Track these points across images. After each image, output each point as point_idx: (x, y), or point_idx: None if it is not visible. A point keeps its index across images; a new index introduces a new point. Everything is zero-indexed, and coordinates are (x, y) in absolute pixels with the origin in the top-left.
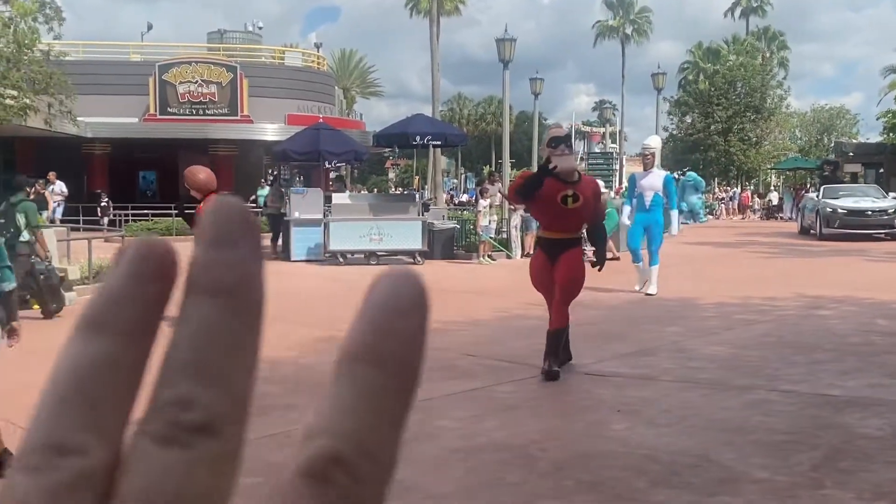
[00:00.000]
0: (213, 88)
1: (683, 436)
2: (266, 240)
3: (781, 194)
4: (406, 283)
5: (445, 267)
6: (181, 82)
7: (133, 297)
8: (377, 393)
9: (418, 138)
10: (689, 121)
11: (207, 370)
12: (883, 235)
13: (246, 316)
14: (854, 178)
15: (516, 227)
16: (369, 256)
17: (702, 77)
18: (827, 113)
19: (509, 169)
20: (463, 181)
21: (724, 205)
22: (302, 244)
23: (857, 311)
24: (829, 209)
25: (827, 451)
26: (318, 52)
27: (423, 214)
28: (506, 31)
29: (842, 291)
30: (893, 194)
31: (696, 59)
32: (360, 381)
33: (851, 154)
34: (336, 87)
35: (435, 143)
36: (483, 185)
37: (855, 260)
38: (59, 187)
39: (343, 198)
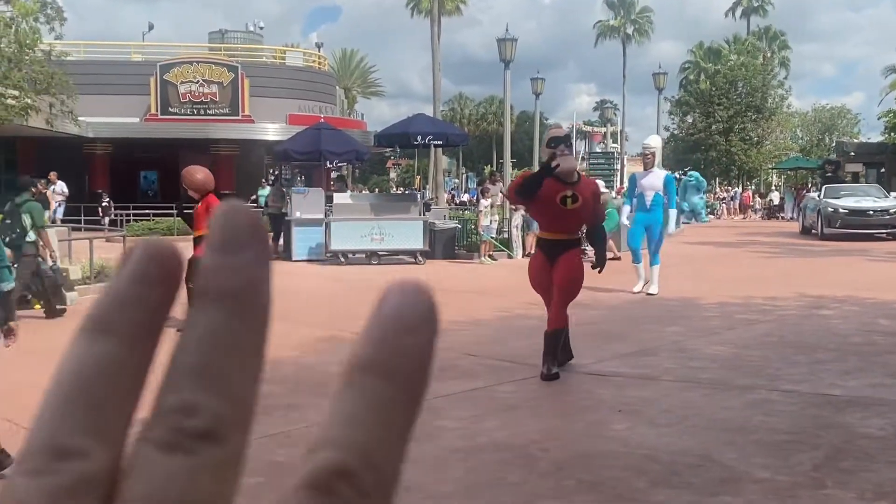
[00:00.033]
0: (215, 88)
1: (684, 436)
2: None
3: (783, 194)
4: (416, 298)
5: (447, 267)
6: (182, 82)
7: (138, 299)
8: (384, 406)
9: (419, 138)
10: (691, 120)
11: (212, 376)
12: (885, 235)
13: (251, 321)
14: (855, 178)
15: (517, 227)
16: (371, 256)
17: (703, 77)
18: (828, 113)
19: (510, 169)
20: (464, 181)
21: (725, 204)
22: (303, 244)
23: (859, 310)
24: (830, 209)
25: (828, 451)
26: (319, 51)
27: (424, 214)
28: (507, 30)
29: (843, 291)
30: (895, 194)
31: (698, 58)
32: (367, 393)
33: (853, 154)
34: (337, 87)
35: (436, 142)
36: (484, 185)
37: (856, 260)
38: (60, 187)
39: (344, 197)
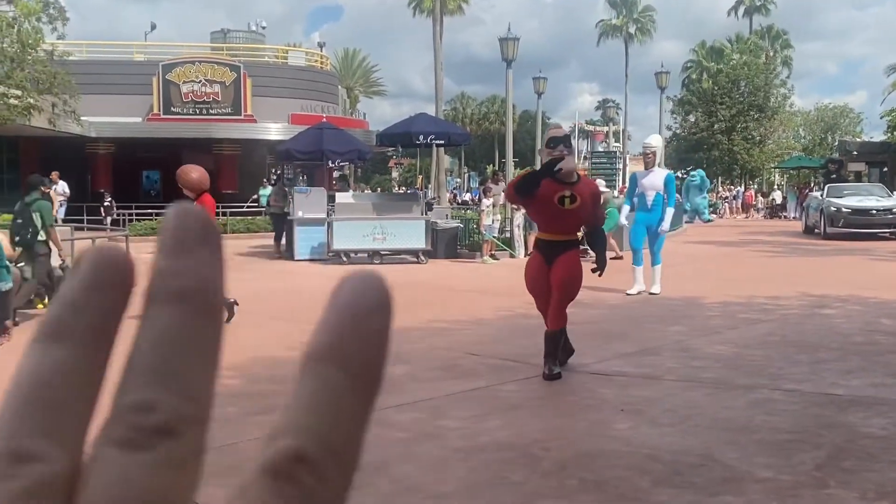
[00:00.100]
0: (217, 88)
1: (687, 435)
2: (269, 239)
3: (785, 193)
4: (370, 285)
5: (449, 266)
6: (185, 82)
7: (91, 304)
8: (342, 393)
9: (421, 137)
10: (693, 120)
11: (168, 374)
12: (888, 234)
13: (205, 320)
14: (858, 177)
15: (519, 227)
16: (373, 256)
17: (705, 76)
18: (831, 112)
19: (512, 168)
20: (466, 180)
21: (727, 204)
22: (305, 243)
23: (862, 310)
24: (833, 208)
25: (830, 451)
26: (321, 51)
27: (426, 214)
28: (509, 30)
29: (846, 290)
30: None
31: (700, 57)
32: (324, 380)
33: (855, 153)
34: (339, 87)
35: (438, 142)
36: (486, 185)
37: (859, 259)
38: (62, 188)
39: (346, 197)
